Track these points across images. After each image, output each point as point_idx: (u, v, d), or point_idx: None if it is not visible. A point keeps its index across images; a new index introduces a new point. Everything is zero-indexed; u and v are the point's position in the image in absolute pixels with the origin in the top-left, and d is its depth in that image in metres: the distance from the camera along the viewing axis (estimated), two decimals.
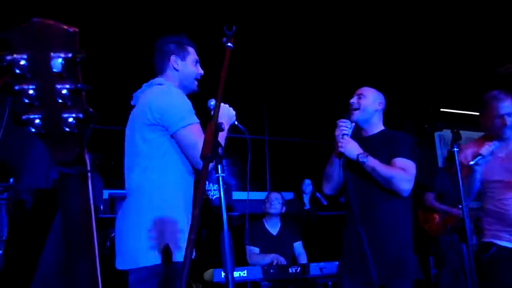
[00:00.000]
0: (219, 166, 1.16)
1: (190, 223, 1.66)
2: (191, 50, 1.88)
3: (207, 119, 1.75)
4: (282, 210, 3.72)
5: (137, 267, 1.55)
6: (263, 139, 5.74)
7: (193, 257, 1.66)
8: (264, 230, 3.66)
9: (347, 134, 2.14)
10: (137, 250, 1.56)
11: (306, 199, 5.25)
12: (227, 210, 4.00)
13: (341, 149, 2.08)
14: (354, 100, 2.25)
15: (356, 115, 2.21)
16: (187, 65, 1.85)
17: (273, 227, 3.68)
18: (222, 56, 1.45)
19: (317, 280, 3.22)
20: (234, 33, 1.47)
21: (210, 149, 1.10)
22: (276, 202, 3.66)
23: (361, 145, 2.13)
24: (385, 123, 2.28)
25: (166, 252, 1.49)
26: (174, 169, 1.66)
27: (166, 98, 1.67)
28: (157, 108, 1.64)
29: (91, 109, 0.66)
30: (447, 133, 2.92)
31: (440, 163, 5.91)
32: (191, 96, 1.87)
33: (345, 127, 2.14)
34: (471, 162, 2.30)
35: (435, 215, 4.25)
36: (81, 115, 0.65)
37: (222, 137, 1.68)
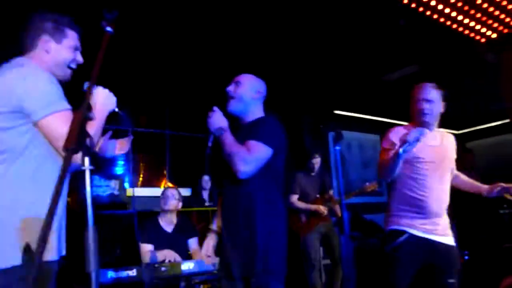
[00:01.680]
0: (86, 159, 1.08)
1: (58, 218, 1.54)
2: (70, 33, 1.68)
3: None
4: (178, 206, 3.64)
5: None
6: (164, 133, 5.58)
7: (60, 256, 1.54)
8: (158, 227, 3.55)
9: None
10: None
11: (205, 195, 5.22)
12: (121, 207, 3.79)
13: (207, 122, 1.98)
14: (231, 88, 2.14)
15: (232, 104, 2.11)
16: (61, 50, 1.65)
17: (168, 224, 3.59)
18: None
19: (212, 276, 3.21)
20: (115, 18, 1.39)
21: (75, 140, 1.01)
22: (172, 198, 3.58)
23: (237, 133, 2.03)
24: (283, 121, 2.22)
25: (26, 251, 1.35)
26: (39, 161, 1.49)
27: (29, 81, 1.47)
28: (15, 94, 1.44)
29: None
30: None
31: (332, 161, 6.33)
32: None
33: (211, 113, 2.01)
34: (400, 150, 2.30)
35: (301, 215, 4.56)
36: None
37: (98, 125, 1.56)
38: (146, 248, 3.41)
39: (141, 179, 6.08)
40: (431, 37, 4.46)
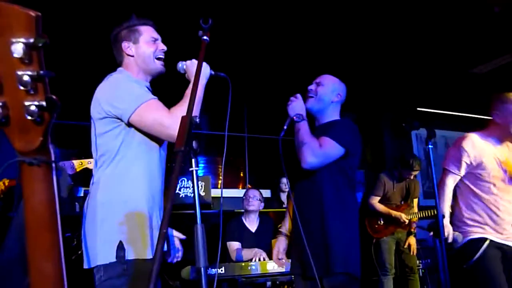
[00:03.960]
0: (193, 160, 1.15)
1: (153, 217, 1.60)
2: (143, 29, 1.74)
3: (186, 82, 1.68)
4: (260, 206, 3.71)
5: (95, 265, 1.51)
6: (243, 136, 5.73)
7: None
8: (243, 226, 3.65)
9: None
10: (93, 248, 1.51)
11: (284, 197, 5.25)
12: (206, 208, 3.92)
13: (287, 106, 2.05)
14: (312, 87, 2.15)
15: (311, 102, 2.11)
16: (141, 47, 1.71)
17: (251, 224, 3.68)
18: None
19: None
20: (211, 27, 1.46)
21: (184, 143, 1.08)
22: (254, 199, 3.66)
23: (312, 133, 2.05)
24: (363, 119, 2.28)
25: (119, 249, 1.46)
26: (131, 161, 1.59)
27: (112, 87, 1.60)
28: (105, 100, 1.57)
29: (54, 97, 0.64)
30: (423, 132, 2.97)
31: None
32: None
33: (294, 99, 2.09)
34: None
35: (379, 218, 4.33)
36: (44, 103, 0.63)
37: (200, 93, 1.61)
38: (234, 246, 3.53)
39: (220, 181, 6.29)
40: None
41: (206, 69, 1.67)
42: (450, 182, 2.58)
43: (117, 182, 1.56)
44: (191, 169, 1.14)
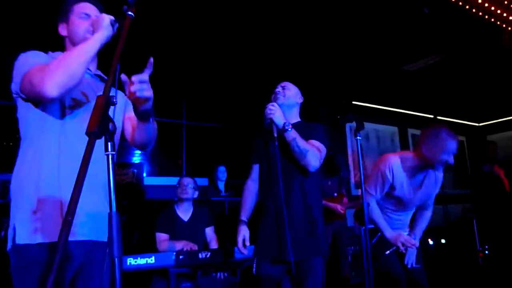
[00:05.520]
0: (109, 144, 1.06)
1: (59, 202, 1.44)
2: (76, 7, 1.63)
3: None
4: (195, 195, 3.63)
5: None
6: (181, 123, 5.59)
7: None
8: (175, 216, 3.55)
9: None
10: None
11: (221, 186, 5.21)
12: (138, 196, 3.77)
13: (271, 115, 2.17)
14: (279, 89, 2.37)
15: (281, 99, 2.31)
16: (70, 26, 1.61)
17: (184, 213, 3.59)
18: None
19: (229, 264, 3.21)
20: (136, 2, 1.37)
21: (97, 124, 0.99)
22: (188, 186, 3.57)
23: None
24: (303, 112, 2.42)
25: (11, 235, 1.41)
26: (30, 143, 1.49)
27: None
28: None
29: None
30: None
31: (349, 152, 6.26)
32: None
33: (273, 107, 2.22)
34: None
35: None
36: None
37: (90, 47, 1.43)
38: (162, 237, 3.42)
39: (157, 168, 6.12)
40: (455, 25, 4.33)
41: (106, 20, 1.48)
42: (374, 204, 2.66)
43: (18, 166, 1.48)
44: (106, 153, 1.05)
